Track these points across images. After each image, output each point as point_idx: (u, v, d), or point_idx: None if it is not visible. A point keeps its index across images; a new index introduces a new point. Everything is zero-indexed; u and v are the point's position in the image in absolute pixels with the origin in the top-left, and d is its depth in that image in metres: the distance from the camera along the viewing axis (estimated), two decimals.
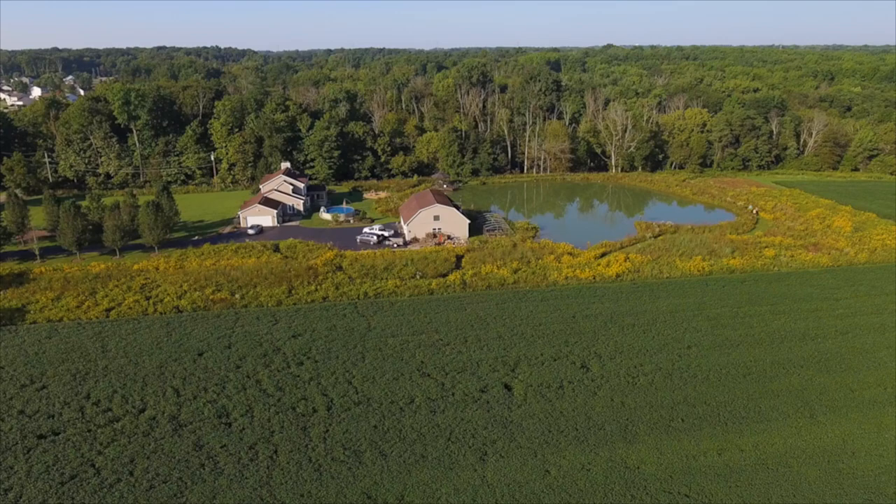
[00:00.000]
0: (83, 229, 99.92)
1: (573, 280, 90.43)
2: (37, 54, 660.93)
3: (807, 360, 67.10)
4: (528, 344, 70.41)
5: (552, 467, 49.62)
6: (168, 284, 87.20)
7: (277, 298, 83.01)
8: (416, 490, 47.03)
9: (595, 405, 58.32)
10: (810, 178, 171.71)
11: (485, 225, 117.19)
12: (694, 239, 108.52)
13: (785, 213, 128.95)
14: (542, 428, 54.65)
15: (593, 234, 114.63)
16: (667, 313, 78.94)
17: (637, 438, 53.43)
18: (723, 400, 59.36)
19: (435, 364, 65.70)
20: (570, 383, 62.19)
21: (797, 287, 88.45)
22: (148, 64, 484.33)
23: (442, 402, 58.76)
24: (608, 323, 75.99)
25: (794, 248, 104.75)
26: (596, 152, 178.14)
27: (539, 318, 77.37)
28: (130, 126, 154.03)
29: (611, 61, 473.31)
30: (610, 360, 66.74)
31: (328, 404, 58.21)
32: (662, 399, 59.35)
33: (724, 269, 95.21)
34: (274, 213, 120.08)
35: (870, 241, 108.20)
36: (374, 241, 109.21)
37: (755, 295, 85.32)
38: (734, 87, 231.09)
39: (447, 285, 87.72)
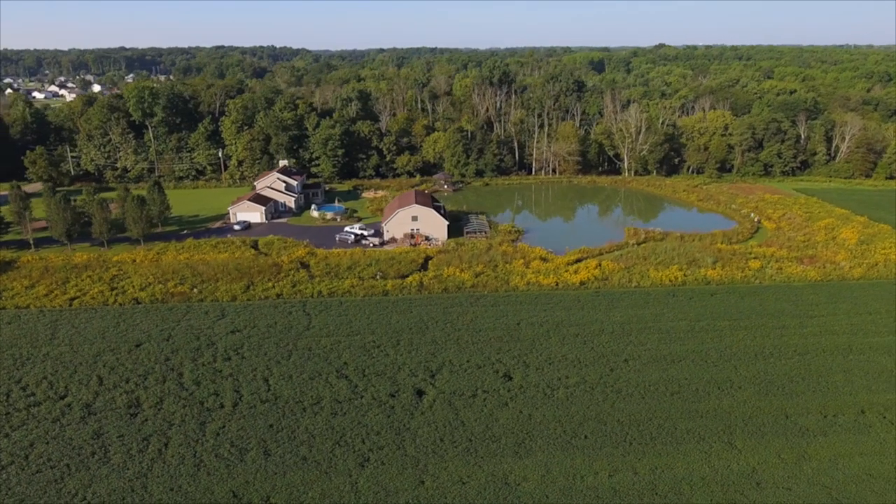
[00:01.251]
0: (73, 221, 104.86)
1: (534, 286, 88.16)
2: (104, 53, 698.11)
3: (748, 381, 62.98)
4: (460, 349, 69.10)
5: (429, 478, 48.46)
6: (137, 277, 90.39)
7: (233, 294, 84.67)
8: (284, 492, 46.91)
9: (501, 416, 56.61)
10: (837, 185, 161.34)
11: (465, 227, 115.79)
12: (678, 247, 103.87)
13: (791, 222, 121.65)
14: (437, 437, 53.47)
15: (581, 239, 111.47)
16: (618, 324, 75.80)
17: (530, 454, 51.50)
18: (638, 418, 56.45)
19: (357, 366, 65.39)
20: (485, 392, 60.61)
21: (771, 302, 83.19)
22: (199, 63, 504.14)
23: (348, 404, 58.42)
24: (551, 332, 73.64)
25: (785, 261, 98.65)
26: (608, 155, 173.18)
27: (482, 323, 75.81)
28: (146, 123, 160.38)
29: (657, 61, 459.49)
30: (536, 371, 64.65)
31: (236, 401, 58.87)
32: (573, 413, 56.99)
33: (700, 280, 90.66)
34: (262, 209, 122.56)
35: (872, 255, 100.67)
36: (352, 240, 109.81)
37: (721, 308, 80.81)
38: (769, 88, 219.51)
39: (403, 287, 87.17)
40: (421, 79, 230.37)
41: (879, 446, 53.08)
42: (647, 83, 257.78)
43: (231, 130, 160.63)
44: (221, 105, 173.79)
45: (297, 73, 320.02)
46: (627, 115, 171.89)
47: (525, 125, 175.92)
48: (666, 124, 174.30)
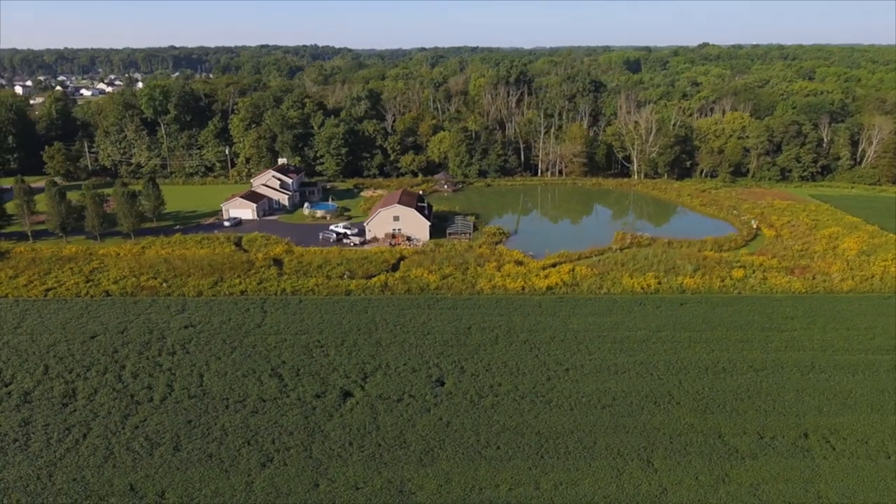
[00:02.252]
0: (67, 214, 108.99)
1: (500, 290, 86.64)
2: (153, 52, 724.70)
3: (690, 396, 60.16)
4: (402, 352, 68.48)
5: (325, 482, 48.14)
6: (115, 270, 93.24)
7: (199, 289, 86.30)
8: (179, 488, 47.41)
9: (419, 422, 55.75)
10: (859, 192, 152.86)
11: (448, 228, 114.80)
12: (662, 253, 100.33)
13: (795, 230, 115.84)
14: (347, 440, 53.08)
15: (568, 242, 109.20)
16: (572, 332, 73.68)
17: (435, 462, 50.53)
18: (559, 431, 54.64)
19: (294, 365, 65.62)
20: (412, 397, 59.86)
21: (743, 313, 79.29)
22: (240, 61, 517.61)
23: (271, 403, 58.66)
24: (500, 337, 72.17)
25: (772, 270, 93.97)
26: (618, 157, 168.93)
27: (432, 326, 74.96)
28: (158, 120, 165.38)
29: (696, 61, 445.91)
30: (471, 377, 63.44)
31: (165, 395, 59.92)
32: (493, 423, 55.62)
33: (674, 289, 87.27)
34: (254, 206, 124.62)
35: (870, 267, 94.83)
36: (333, 238, 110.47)
37: (687, 319, 77.52)
38: (798, 89, 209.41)
39: (367, 287, 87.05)
40: (437, 78, 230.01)
41: (810, 473, 49.82)
42: (673, 84, 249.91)
43: (239, 128, 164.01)
44: (234, 103, 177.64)
45: (324, 72, 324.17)
46: (638, 116, 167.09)
47: (533, 125, 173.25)
48: (677, 126, 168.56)
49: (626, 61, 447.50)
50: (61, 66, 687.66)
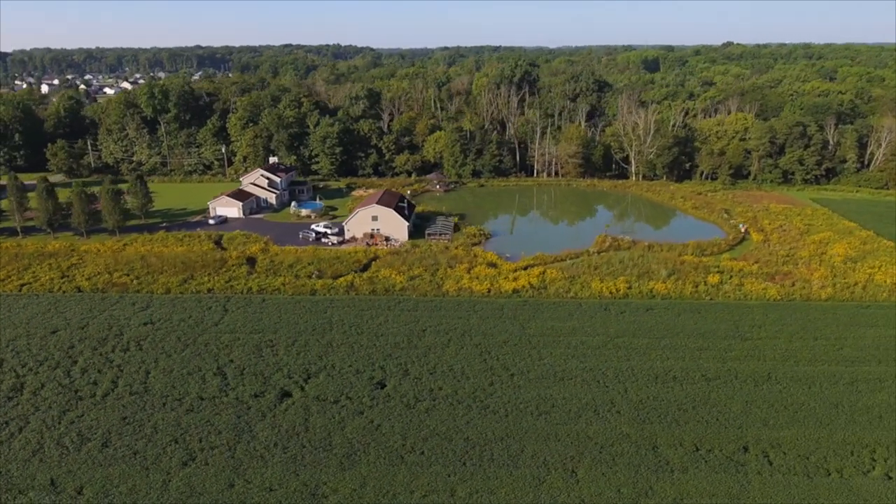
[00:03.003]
0: (54, 211, 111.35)
1: (465, 292, 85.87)
2: (179, 51, 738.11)
3: (632, 405, 58.65)
4: (351, 353, 68.26)
5: (241, 482, 48.11)
6: (91, 266, 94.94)
7: (168, 286, 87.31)
8: (98, 484, 47.85)
9: (349, 424, 55.41)
10: (863, 196, 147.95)
11: (427, 228, 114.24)
12: (639, 257, 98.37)
13: (785, 234, 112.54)
14: (273, 441, 53.01)
15: (549, 244, 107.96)
16: (527, 336, 72.60)
17: (355, 465, 50.12)
18: (488, 437, 53.75)
19: (241, 364, 65.88)
20: (349, 399, 59.59)
21: (710, 320, 77.14)
22: (258, 61, 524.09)
23: (209, 402, 58.94)
24: (453, 340, 71.45)
25: (751, 276, 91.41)
26: (616, 158, 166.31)
27: (388, 328, 74.60)
28: (158, 119, 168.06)
29: (717, 60, 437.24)
30: (413, 380, 62.89)
31: (108, 391, 60.65)
32: (423, 427, 54.99)
33: (644, 294, 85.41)
34: (240, 205, 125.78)
35: (854, 275, 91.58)
36: (312, 237, 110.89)
37: (650, 325, 75.69)
38: (809, 89, 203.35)
39: (332, 287, 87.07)
40: (441, 77, 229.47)
41: (739, 489, 48.10)
42: (683, 83, 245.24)
43: (237, 127, 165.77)
44: (233, 103, 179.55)
45: (336, 71, 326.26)
46: (637, 116, 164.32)
47: (530, 126, 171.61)
48: (676, 127, 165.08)
49: (643, 60, 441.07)
50: (90, 65, 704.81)
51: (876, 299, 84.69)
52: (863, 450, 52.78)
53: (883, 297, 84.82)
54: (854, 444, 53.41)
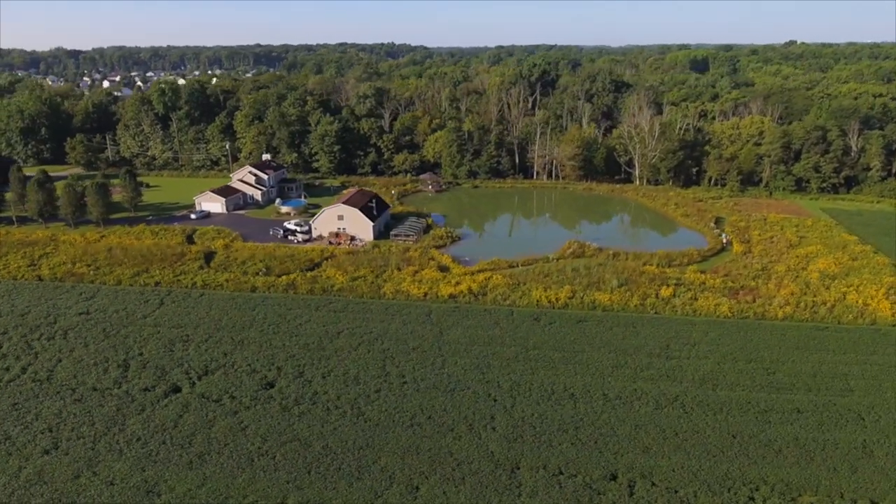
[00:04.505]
0: (44, 202, 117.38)
1: (401, 295, 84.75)
2: (236, 50, 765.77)
3: (511, 423, 56.08)
4: (256, 352, 68.61)
5: (87, 473, 49.04)
6: (61, 255, 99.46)
7: (119, 278, 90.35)
8: None
9: (218, 424, 55.56)
10: (883, 207, 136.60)
11: (393, 229, 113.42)
12: (595, 266, 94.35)
13: (772, 246, 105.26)
14: (137, 435, 53.83)
15: (518, 249, 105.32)
16: (441, 343, 70.85)
17: (203, 465, 50.20)
18: (350, 446, 52.63)
19: (148, 357, 67.33)
20: (232, 398, 59.85)
21: (641, 336, 72.91)
22: (303, 58, 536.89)
23: (99, 393, 60.52)
24: (363, 344, 70.60)
25: (711, 290, 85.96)
26: (619, 161, 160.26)
27: (305, 328, 74.55)
28: (170, 115, 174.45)
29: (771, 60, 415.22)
30: (304, 383, 62.49)
31: (15, 377, 63.24)
32: (286, 431, 54.47)
33: (585, 305, 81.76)
34: (223, 200, 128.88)
35: (825, 293, 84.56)
36: (280, 234, 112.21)
37: (571, 338, 72.28)
38: (846, 91, 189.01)
39: (272, 285, 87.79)
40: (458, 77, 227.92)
41: None
42: (714, 84, 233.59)
43: (243, 124, 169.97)
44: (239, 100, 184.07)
45: (368, 70, 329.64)
46: (639, 118, 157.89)
47: (531, 127, 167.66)
48: (683, 130, 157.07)
49: (692, 60, 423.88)
50: (155, 62, 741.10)
51: (839, 321, 77.92)
52: (743, 487, 48.57)
53: (847, 320, 77.94)
54: (736, 480, 49.21)
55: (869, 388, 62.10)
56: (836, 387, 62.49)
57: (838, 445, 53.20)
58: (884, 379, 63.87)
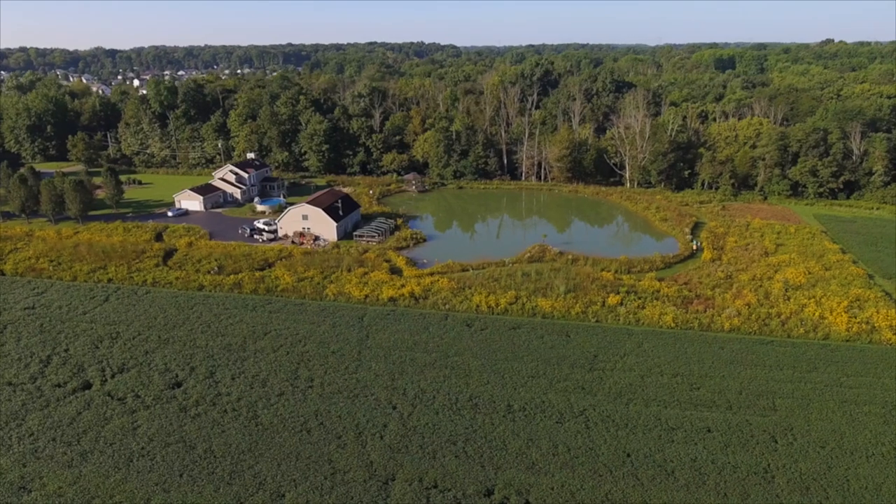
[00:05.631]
0: (26, 198, 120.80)
1: (342, 297, 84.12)
2: (266, 49, 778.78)
3: (403, 432, 54.72)
4: (177, 351, 68.93)
5: None
6: (29, 251, 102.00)
7: (75, 274, 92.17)
8: None
9: (114, 422, 55.90)
10: (882, 214, 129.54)
11: (357, 229, 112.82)
12: (548, 270, 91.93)
13: (745, 254, 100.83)
14: (31, 430, 54.56)
15: (481, 251, 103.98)
16: (361, 347, 69.92)
17: (84, 463, 50.49)
18: (234, 450, 52.19)
19: (72, 353, 68.32)
20: (137, 397, 60.22)
21: (571, 345, 70.52)
22: (327, 57, 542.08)
23: (11, 388, 61.63)
24: (283, 346, 70.21)
25: (663, 299, 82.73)
26: (608, 163, 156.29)
27: (234, 328, 74.58)
28: (167, 114, 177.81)
29: (802, 59, 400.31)
30: (213, 384, 62.40)
31: None
32: (174, 432, 54.37)
33: (525, 311, 79.61)
34: (202, 198, 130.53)
35: (783, 305, 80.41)
36: (247, 233, 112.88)
37: (497, 345, 70.32)
38: (860, 92, 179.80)
39: (218, 284, 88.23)
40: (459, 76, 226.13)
41: None
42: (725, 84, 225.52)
43: (236, 123, 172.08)
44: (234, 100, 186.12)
45: (383, 69, 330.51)
46: (630, 118, 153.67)
47: (521, 126, 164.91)
48: (675, 131, 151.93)
49: (717, 59, 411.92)
50: (188, 61, 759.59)
51: (789, 335, 73.97)
52: None
53: (798, 334, 73.92)
54: (615, 502, 46.90)
55: (794, 409, 58.62)
56: (760, 405, 59.21)
57: (738, 469, 50.27)
58: (814, 399, 60.23)
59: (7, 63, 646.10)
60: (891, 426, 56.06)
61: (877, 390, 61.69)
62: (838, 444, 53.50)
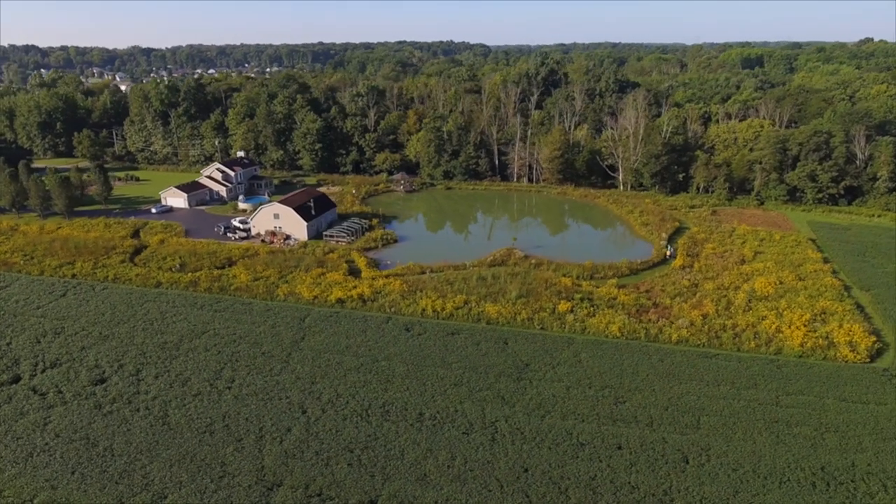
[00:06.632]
0: (16, 193, 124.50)
1: (291, 298, 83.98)
2: (296, 48, 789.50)
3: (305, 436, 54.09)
4: (114, 348, 69.78)
5: None
6: (7, 245, 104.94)
7: (43, 269, 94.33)
8: None
9: (27, 417, 56.74)
10: (883, 222, 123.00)
11: (328, 229, 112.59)
12: (505, 274, 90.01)
13: (719, 261, 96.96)
14: None
15: (448, 254, 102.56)
16: (293, 349, 69.52)
17: None
18: (121, 451, 52.24)
19: (13, 347, 69.82)
20: (59, 392, 61.12)
21: (502, 353, 68.70)
22: (348, 57, 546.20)
23: None
24: (217, 346, 70.30)
25: (616, 307, 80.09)
26: (602, 165, 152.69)
27: (176, 326, 75.12)
28: (169, 112, 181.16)
29: (834, 59, 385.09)
30: (136, 382, 62.86)
31: None
32: (77, 430, 54.81)
33: (470, 317, 78.00)
34: (186, 196, 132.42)
35: (740, 316, 76.88)
36: (222, 231, 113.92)
37: (429, 352, 68.95)
38: (876, 93, 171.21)
39: (175, 282, 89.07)
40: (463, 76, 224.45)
41: None
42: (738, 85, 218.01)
43: (234, 121, 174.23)
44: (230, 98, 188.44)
45: (397, 68, 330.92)
46: (623, 119, 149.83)
47: (513, 127, 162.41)
48: (670, 133, 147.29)
49: (744, 59, 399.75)
50: (220, 60, 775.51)
51: (739, 349, 70.62)
52: None
53: (748, 347, 70.50)
54: None
55: (718, 427, 55.78)
56: (683, 422, 56.55)
57: (636, 490, 48.00)
58: (743, 417, 57.24)
59: (48, 61, 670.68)
60: (818, 450, 52.82)
61: (814, 411, 58.28)
62: (753, 467, 50.62)
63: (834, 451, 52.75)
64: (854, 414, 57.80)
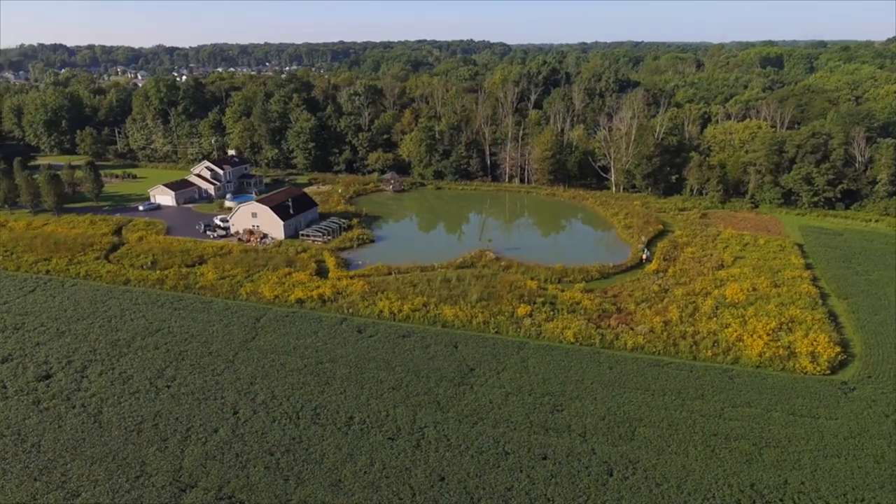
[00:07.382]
0: (8, 190, 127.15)
1: (254, 297, 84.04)
2: (316, 47, 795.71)
3: (229, 438, 53.89)
4: (68, 343, 70.65)
5: None
6: None
7: (19, 265, 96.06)
8: None
9: None
10: (880, 227, 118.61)
11: (305, 229, 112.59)
12: (470, 277, 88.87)
13: (695, 266, 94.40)
14: None
15: (423, 255, 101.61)
16: (241, 349, 69.50)
17: None
18: (62, 446, 52.79)
19: None
20: (3, 387, 61.90)
21: (450, 358, 67.69)
22: (364, 56, 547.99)
23: None
24: (168, 344, 70.66)
25: (577, 313, 78.45)
26: (595, 166, 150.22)
27: (134, 324, 75.74)
28: (169, 111, 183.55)
29: (856, 58, 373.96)
30: (80, 379, 63.48)
31: None
32: (12, 425, 55.36)
33: (427, 320, 77.17)
34: (173, 194, 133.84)
35: (703, 324, 74.61)
36: (202, 229, 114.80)
37: (376, 353, 68.35)
38: (884, 94, 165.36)
39: (143, 279, 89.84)
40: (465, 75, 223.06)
41: None
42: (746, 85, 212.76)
43: (231, 120, 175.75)
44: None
45: (406, 68, 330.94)
46: (616, 119, 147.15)
47: (506, 127, 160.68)
48: (663, 133, 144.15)
49: (763, 58, 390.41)
50: (242, 58, 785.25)
51: (696, 358, 68.53)
52: None
53: (705, 356, 68.36)
54: None
55: (652, 439, 54.07)
56: (617, 433, 54.94)
57: (551, 502, 46.65)
58: (681, 429, 55.40)
59: (74, 59, 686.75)
60: (752, 466, 50.82)
61: (757, 424, 56.14)
62: (679, 482, 48.89)
63: (769, 467, 50.70)
64: (799, 428, 55.55)
